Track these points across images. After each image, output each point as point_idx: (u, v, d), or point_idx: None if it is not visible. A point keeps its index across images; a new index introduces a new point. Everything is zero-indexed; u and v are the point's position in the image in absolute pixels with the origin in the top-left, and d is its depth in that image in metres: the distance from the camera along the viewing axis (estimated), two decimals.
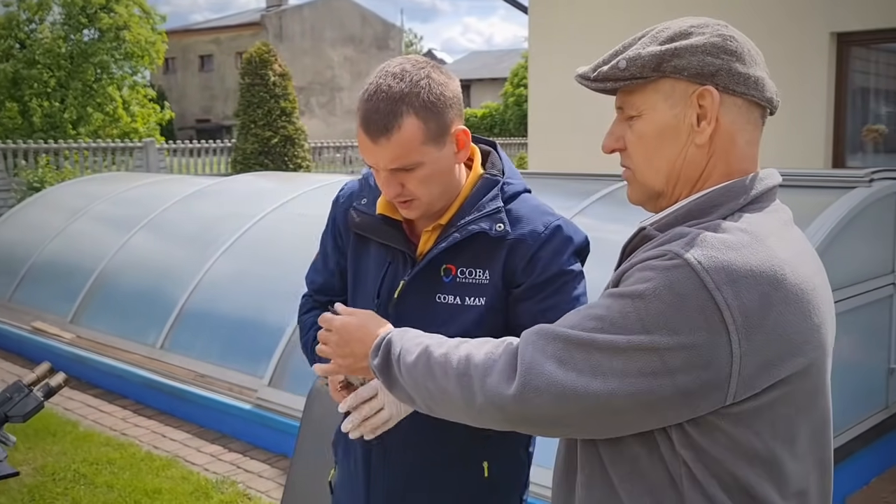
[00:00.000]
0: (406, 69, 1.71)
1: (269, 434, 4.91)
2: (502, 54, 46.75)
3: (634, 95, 1.39)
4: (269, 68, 12.84)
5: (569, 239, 1.82)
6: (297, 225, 6.28)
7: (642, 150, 1.39)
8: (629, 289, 1.25)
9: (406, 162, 1.71)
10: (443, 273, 1.81)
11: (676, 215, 1.36)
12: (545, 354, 1.27)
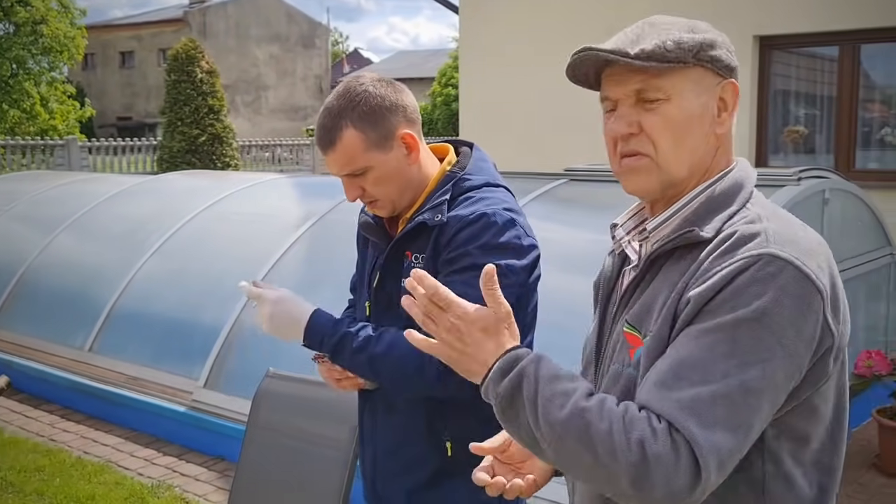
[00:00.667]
0: (349, 87, 1.97)
1: (205, 436, 4.82)
2: (429, 54, 46.83)
3: (662, 79, 1.35)
4: (195, 65, 12.60)
5: (490, 227, 1.88)
6: (230, 224, 6.17)
7: (670, 134, 1.36)
8: (745, 312, 1.21)
9: (354, 168, 1.94)
10: (404, 260, 2.00)
11: (699, 207, 1.36)
12: (713, 425, 1.19)
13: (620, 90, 1.38)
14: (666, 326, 1.30)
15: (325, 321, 1.98)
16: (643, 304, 1.38)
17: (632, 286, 1.43)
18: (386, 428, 2.05)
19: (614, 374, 1.39)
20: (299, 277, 5.30)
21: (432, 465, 1.98)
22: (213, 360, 4.98)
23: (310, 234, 5.49)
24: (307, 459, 2.58)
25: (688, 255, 1.34)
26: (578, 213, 5.13)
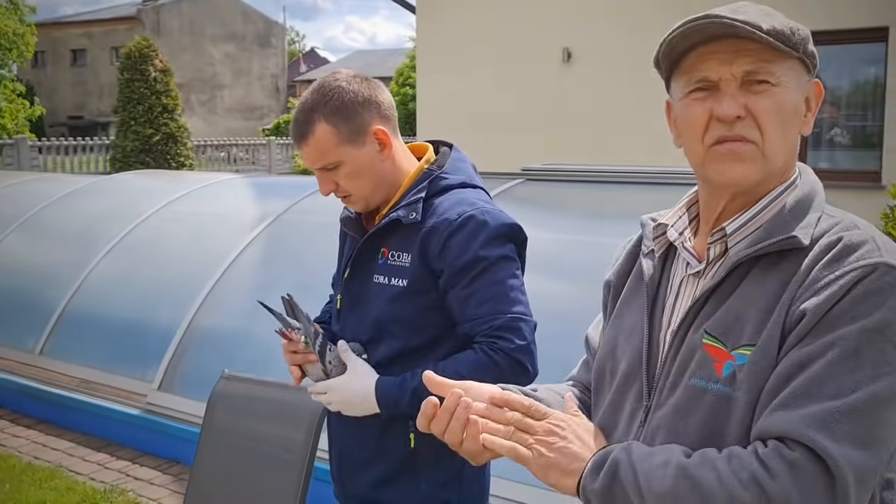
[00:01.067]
0: (324, 82, 1.99)
1: (159, 440, 4.75)
2: (386, 54, 46.79)
3: (774, 64, 1.27)
4: (149, 63, 12.43)
5: (483, 224, 1.92)
6: (185, 224, 6.10)
7: (779, 122, 1.27)
8: (868, 323, 1.15)
9: (326, 162, 1.97)
10: (379, 256, 2.01)
11: (786, 211, 1.29)
12: (845, 440, 1.12)
13: (727, 69, 1.27)
14: (774, 342, 1.21)
15: (390, 387, 1.93)
16: (728, 314, 1.27)
17: (706, 293, 1.30)
18: (350, 421, 2.05)
19: (695, 389, 1.26)
20: (255, 278, 5.25)
21: (396, 458, 2.00)
22: (167, 362, 4.92)
23: (266, 234, 5.44)
24: (263, 462, 2.55)
25: (781, 263, 1.25)
26: (535, 212, 5.14)
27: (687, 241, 1.40)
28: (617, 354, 1.43)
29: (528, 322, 1.91)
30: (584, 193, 5.12)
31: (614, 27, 9.46)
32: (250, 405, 2.67)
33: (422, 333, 1.97)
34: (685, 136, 1.34)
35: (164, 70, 12.62)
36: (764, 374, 1.20)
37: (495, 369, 1.85)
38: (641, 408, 1.35)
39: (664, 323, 1.38)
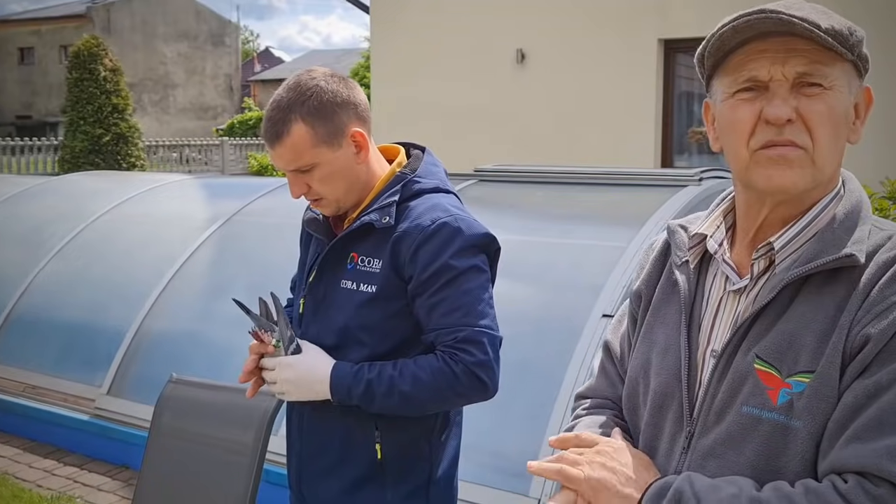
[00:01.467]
0: (300, 80, 1.91)
1: (108, 445, 4.68)
2: (342, 54, 46.57)
3: (827, 67, 1.19)
4: (99, 63, 12.22)
5: (457, 233, 1.87)
6: (136, 225, 6.01)
7: (831, 127, 1.20)
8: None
9: (301, 164, 1.90)
10: (348, 261, 1.95)
11: (836, 225, 1.23)
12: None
13: (778, 69, 1.19)
14: (835, 368, 1.15)
15: (345, 374, 1.88)
16: (781, 338, 1.20)
17: (754, 313, 1.23)
18: (314, 428, 2.01)
19: (748, 418, 1.20)
20: (206, 280, 5.20)
21: (360, 467, 1.94)
22: (116, 367, 4.85)
23: (217, 235, 5.39)
24: (212, 465, 2.53)
25: (835, 281, 1.19)
26: (487, 213, 5.16)
27: (726, 254, 1.32)
28: (650, 372, 1.36)
29: (492, 337, 1.87)
30: (536, 194, 5.15)
31: (567, 29, 9.52)
32: (199, 409, 2.64)
33: (389, 340, 1.92)
34: (728, 138, 1.26)
35: (113, 69, 12.43)
36: (827, 402, 1.14)
37: (453, 379, 1.83)
38: (682, 432, 1.29)
39: (702, 341, 1.31)
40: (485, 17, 10.14)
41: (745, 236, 1.31)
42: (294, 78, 1.93)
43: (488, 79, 10.14)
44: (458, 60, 10.32)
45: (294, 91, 1.89)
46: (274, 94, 1.92)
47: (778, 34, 1.19)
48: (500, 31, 10.04)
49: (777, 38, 1.19)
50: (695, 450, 1.26)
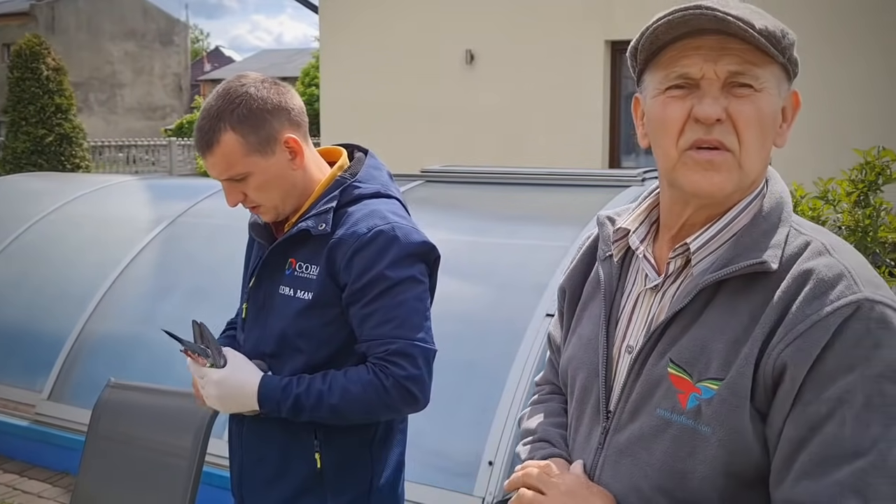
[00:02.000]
0: (229, 87, 1.87)
1: (50, 451, 4.60)
2: (293, 53, 46.26)
3: (759, 68, 1.19)
4: (41, 62, 11.99)
5: (393, 241, 1.83)
6: (79, 227, 5.92)
7: (760, 130, 1.19)
8: (866, 369, 1.09)
9: (233, 173, 1.86)
10: (286, 266, 1.92)
11: (752, 228, 1.22)
12: (878, 500, 1.07)
13: (711, 67, 1.18)
14: (745, 379, 1.14)
15: (273, 388, 1.85)
16: (694, 343, 1.20)
17: (669, 317, 1.23)
18: (254, 438, 1.99)
19: (659, 420, 1.21)
20: (150, 282, 5.14)
21: (300, 477, 1.92)
22: (58, 371, 4.77)
23: (161, 237, 5.33)
24: (150, 469, 2.51)
25: (750, 289, 1.18)
26: (433, 213, 5.18)
27: (647, 251, 1.32)
28: (575, 365, 1.38)
29: (425, 350, 1.84)
30: (482, 195, 5.18)
31: (516, 30, 9.58)
32: (137, 412, 2.62)
33: (326, 348, 1.89)
34: (657, 136, 1.24)
35: (57, 69, 12.21)
36: (736, 412, 1.15)
37: (383, 393, 1.81)
38: (599, 428, 1.31)
39: (618, 336, 1.32)
40: (434, 18, 10.17)
41: (667, 233, 1.31)
42: (224, 85, 1.89)
43: (437, 79, 10.17)
44: (407, 61, 10.33)
45: (223, 99, 1.85)
46: (204, 102, 1.89)
47: (712, 32, 1.18)
48: (449, 32, 10.07)
49: (711, 37, 1.18)
50: (609, 446, 1.28)
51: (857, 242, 2.99)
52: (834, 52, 8.08)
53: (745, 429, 1.15)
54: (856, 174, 3.14)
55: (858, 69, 8.05)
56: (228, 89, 1.86)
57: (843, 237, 3.06)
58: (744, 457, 1.16)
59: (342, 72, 10.82)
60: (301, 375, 1.87)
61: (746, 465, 1.17)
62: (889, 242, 3.08)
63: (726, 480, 1.17)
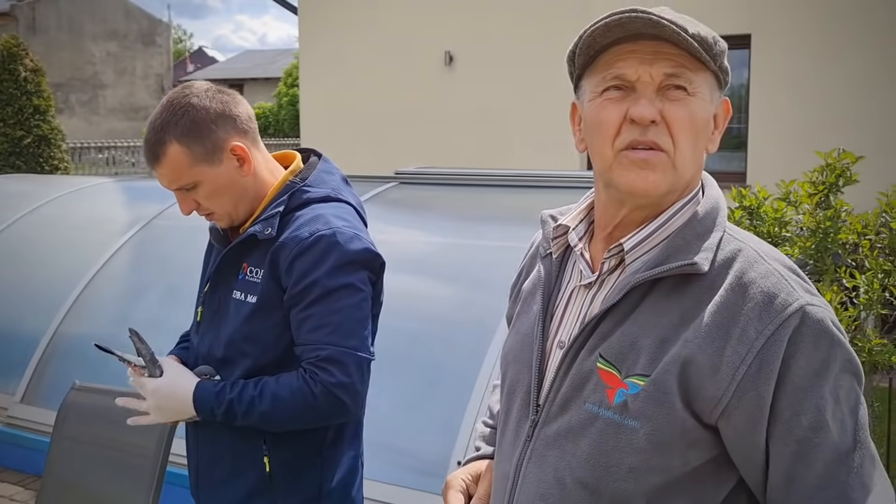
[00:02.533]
0: (172, 99, 1.89)
1: (22, 454, 4.60)
2: (276, 54, 46.12)
3: (693, 73, 1.23)
4: (18, 63, 11.93)
5: (333, 247, 1.85)
6: (52, 230, 5.91)
7: (692, 132, 1.23)
8: (825, 374, 1.16)
9: (182, 183, 1.89)
10: (239, 271, 1.94)
11: (686, 231, 1.26)
12: (873, 486, 1.17)
13: (646, 70, 1.22)
14: (671, 377, 1.18)
15: (208, 395, 1.88)
16: (624, 340, 1.23)
17: (601, 312, 1.26)
18: (208, 440, 2.02)
19: (587, 414, 1.24)
20: (123, 285, 5.14)
21: (251, 480, 1.94)
22: (31, 374, 4.77)
23: (136, 239, 5.33)
24: (115, 469, 2.53)
25: (681, 291, 1.22)
26: (406, 214, 5.21)
27: (585, 249, 1.36)
28: (509, 359, 1.41)
29: (358, 358, 1.85)
30: (454, 196, 5.22)
31: (495, 31, 9.62)
32: (102, 414, 2.63)
33: (272, 351, 1.90)
34: (593, 138, 1.27)
35: (35, 70, 12.14)
36: (663, 409, 1.18)
37: (312, 400, 1.83)
38: (528, 420, 1.33)
39: (552, 331, 1.35)
40: (413, 20, 10.19)
41: (601, 232, 1.34)
42: (168, 96, 1.92)
43: (416, 80, 10.19)
44: (386, 62, 10.35)
45: (167, 111, 1.87)
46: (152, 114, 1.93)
47: (647, 37, 1.22)
48: (428, 33, 10.10)
49: (646, 41, 1.22)
50: (538, 438, 1.30)
51: (818, 243, 3.03)
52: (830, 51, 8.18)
53: (671, 425, 1.19)
54: (817, 176, 3.18)
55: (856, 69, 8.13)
56: (172, 101, 1.89)
57: (805, 239, 3.11)
58: (670, 452, 1.20)
59: (322, 73, 10.83)
60: (236, 380, 1.89)
61: (673, 460, 1.20)
62: (850, 244, 3.13)
63: (652, 476, 1.21)
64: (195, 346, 2.05)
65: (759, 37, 8.51)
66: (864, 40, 8.02)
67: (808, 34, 8.26)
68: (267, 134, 29.80)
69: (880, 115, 7.95)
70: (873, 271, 2.90)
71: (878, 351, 2.79)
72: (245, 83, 41.72)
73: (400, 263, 4.62)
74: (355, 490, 2.07)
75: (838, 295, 2.89)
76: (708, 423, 1.20)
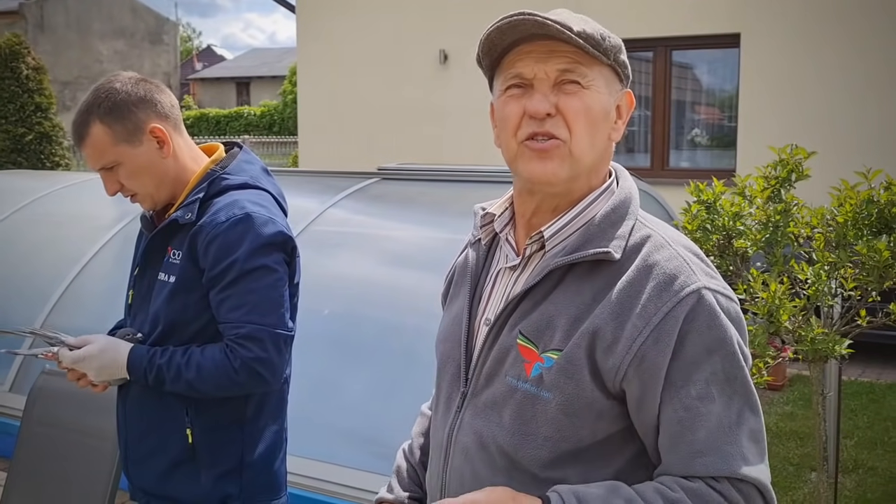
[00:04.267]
0: (99, 85, 2.05)
1: (10, 442, 4.69)
2: (284, 52, 46.25)
3: (587, 68, 1.33)
4: (21, 61, 12.08)
5: (249, 230, 1.97)
6: (43, 224, 6.03)
7: (586, 122, 1.33)
8: (718, 352, 1.27)
9: (105, 162, 2.02)
10: (165, 254, 2.06)
11: (601, 220, 1.35)
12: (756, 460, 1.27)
13: (541, 67, 1.32)
14: (581, 350, 1.28)
15: (140, 357, 2.00)
16: (542, 318, 1.33)
17: (522, 292, 1.36)
18: (135, 415, 2.13)
19: (507, 387, 1.35)
20: (109, 278, 5.24)
21: (174, 451, 2.06)
22: (19, 364, 4.88)
23: (122, 234, 5.44)
24: (78, 452, 2.64)
25: (594, 273, 1.32)
26: (387, 208, 5.30)
27: (510, 234, 1.45)
28: (441, 338, 1.53)
29: (274, 335, 1.96)
30: (435, 192, 5.31)
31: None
32: (67, 399, 2.74)
33: (190, 329, 2.02)
34: (500, 132, 1.39)
35: (37, 68, 12.28)
36: (572, 380, 1.29)
37: (232, 373, 1.94)
38: (458, 393, 1.44)
39: (480, 310, 1.45)
40: (409, 18, 10.28)
41: (521, 219, 1.44)
42: (97, 83, 2.07)
43: (411, 79, 10.28)
44: (382, 60, 10.45)
45: (92, 94, 2.03)
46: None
47: (541, 38, 1.32)
48: (423, 32, 10.19)
49: (541, 42, 1.32)
50: (467, 409, 1.42)
51: (769, 236, 3.11)
52: (819, 50, 8.23)
53: (581, 395, 1.30)
54: (770, 171, 3.26)
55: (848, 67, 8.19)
56: (99, 87, 2.05)
57: (755, 231, 3.19)
58: (580, 422, 1.31)
59: (318, 71, 10.93)
60: (166, 347, 2.01)
61: (582, 430, 1.32)
62: (803, 237, 3.21)
63: (564, 444, 1.32)
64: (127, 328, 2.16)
65: (748, 36, 8.57)
66: (854, 39, 8.08)
67: (797, 33, 8.33)
68: (272, 132, 29.93)
69: (873, 113, 8.01)
70: (820, 263, 2.98)
71: (820, 340, 2.87)
72: (251, 81, 41.91)
73: (380, 255, 4.72)
74: (278, 463, 2.17)
75: (785, 286, 2.98)
76: (613, 394, 1.31)
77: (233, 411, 2.06)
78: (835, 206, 3.08)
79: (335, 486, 3.66)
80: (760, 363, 3.24)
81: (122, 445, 2.20)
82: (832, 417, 3.94)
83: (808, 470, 4.61)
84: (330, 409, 3.95)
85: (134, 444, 2.14)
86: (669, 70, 9.14)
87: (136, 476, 2.16)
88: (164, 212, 2.14)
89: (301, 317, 2.21)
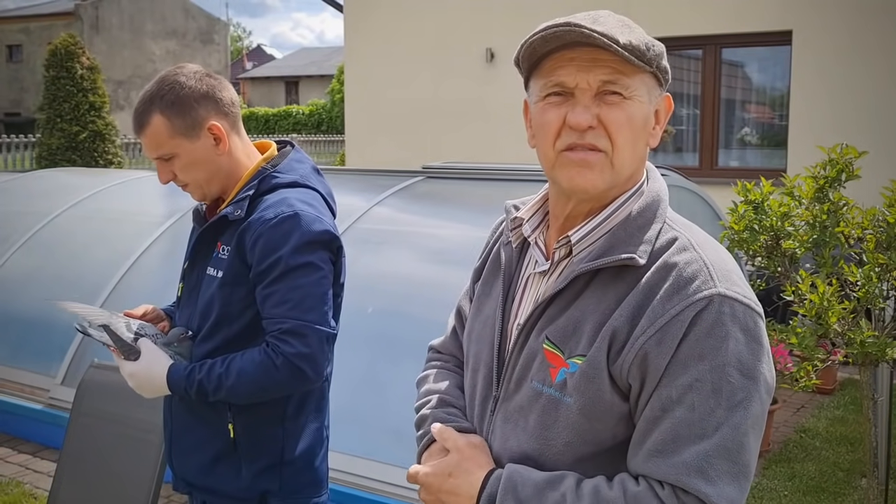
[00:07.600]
0: (164, 75, 2.07)
1: (61, 434, 4.79)
2: (332, 51, 46.60)
3: (630, 78, 1.31)
4: (76, 61, 12.33)
5: (296, 228, 1.99)
6: (95, 220, 6.15)
7: (630, 133, 1.31)
8: (716, 359, 1.23)
9: (161, 152, 2.05)
10: (214, 249, 2.09)
11: (628, 223, 1.34)
12: (719, 479, 1.21)
13: (583, 77, 1.30)
14: (601, 354, 1.27)
15: (179, 377, 2.03)
16: (568, 323, 1.33)
17: (549, 297, 1.35)
18: (180, 409, 2.17)
19: (533, 392, 1.35)
20: (159, 274, 5.34)
21: (217, 446, 2.09)
22: (71, 357, 4.98)
23: (171, 231, 5.53)
24: (126, 444, 2.69)
25: (619, 279, 1.31)
26: (432, 207, 5.32)
27: (539, 238, 1.44)
28: (473, 338, 1.51)
29: (318, 331, 1.98)
30: (480, 191, 5.31)
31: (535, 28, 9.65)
32: (115, 392, 2.79)
33: (238, 324, 2.05)
34: (538, 139, 1.36)
35: (91, 67, 12.54)
36: (593, 383, 1.28)
37: (273, 370, 1.95)
38: (491, 396, 1.44)
39: (512, 314, 1.44)
40: (455, 17, 10.29)
41: (555, 222, 1.43)
42: (161, 73, 2.10)
43: (459, 77, 10.29)
44: (429, 59, 10.47)
45: (156, 85, 2.06)
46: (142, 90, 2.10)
47: (584, 45, 1.28)
48: (470, 30, 10.19)
49: (584, 49, 1.29)
50: (498, 413, 1.42)
51: (816, 237, 3.06)
52: (873, 48, 8.07)
53: (601, 398, 1.29)
54: (819, 171, 3.20)
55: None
56: (163, 77, 2.07)
57: (802, 232, 3.14)
58: (601, 424, 1.30)
59: (366, 69, 10.98)
60: (204, 361, 2.04)
61: (603, 434, 1.30)
62: (853, 238, 3.15)
63: (585, 448, 1.31)
64: (177, 322, 2.21)
65: (799, 33, 8.43)
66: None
67: (848, 31, 8.16)
68: (320, 130, 30.15)
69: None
70: (871, 265, 2.92)
71: (870, 343, 2.81)
72: (300, 80, 42.30)
73: (424, 253, 4.74)
74: (319, 461, 2.19)
75: (833, 288, 2.92)
76: (627, 394, 1.29)
77: (273, 409, 2.09)
78: (886, 207, 3.01)
79: (380, 484, 3.68)
80: (809, 366, 3.18)
81: (167, 437, 2.25)
82: (883, 422, 3.85)
83: (859, 476, 4.52)
84: (374, 407, 3.97)
85: (178, 437, 2.19)
86: (719, 68, 9.02)
87: (180, 467, 2.19)
88: (215, 206, 2.17)
89: (345, 314, 2.23)
